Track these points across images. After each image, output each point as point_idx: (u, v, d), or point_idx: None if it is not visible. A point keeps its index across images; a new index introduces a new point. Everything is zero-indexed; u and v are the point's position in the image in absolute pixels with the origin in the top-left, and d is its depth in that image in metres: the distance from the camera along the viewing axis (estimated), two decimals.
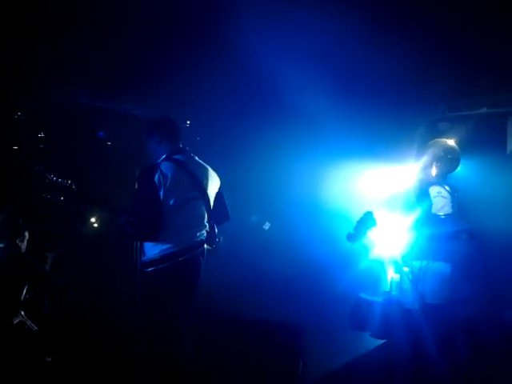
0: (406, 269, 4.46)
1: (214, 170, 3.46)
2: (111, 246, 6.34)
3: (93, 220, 7.29)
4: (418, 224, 4.42)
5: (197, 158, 3.39)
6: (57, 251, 5.56)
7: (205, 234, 3.29)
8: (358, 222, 3.90)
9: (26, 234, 4.27)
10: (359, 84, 6.16)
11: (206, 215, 3.28)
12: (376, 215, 3.95)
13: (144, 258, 3.14)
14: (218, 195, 3.44)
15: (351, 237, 3.92)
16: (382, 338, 4.75)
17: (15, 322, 3.80)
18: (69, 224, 7.68)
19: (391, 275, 4.77)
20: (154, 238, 3.03)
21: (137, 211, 3.09)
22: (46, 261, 4.95)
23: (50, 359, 4.09)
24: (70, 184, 3.12)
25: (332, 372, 4.32)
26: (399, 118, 6.34)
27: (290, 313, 4.79)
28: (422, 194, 4.61)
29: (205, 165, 3.39)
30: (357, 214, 4.00)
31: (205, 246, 3.29)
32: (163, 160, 3.20)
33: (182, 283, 3.15)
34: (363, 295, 5.04)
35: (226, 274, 5.58)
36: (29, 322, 3.85)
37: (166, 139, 3.28)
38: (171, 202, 3.05)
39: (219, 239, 3.43)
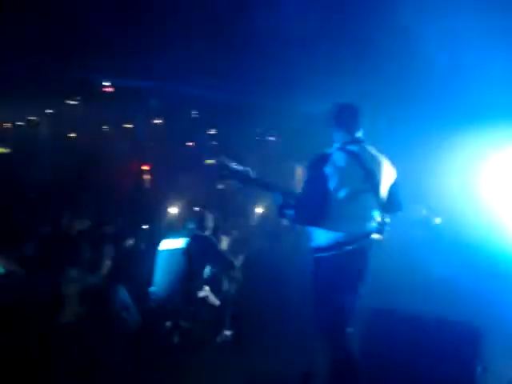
0: None
1: (391, 160, 3.38)
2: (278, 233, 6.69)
3: (260, 210, 7.77)
4: None
5: (373, 148, 3.34)
6: (231, 235, 6.06)
7: (374, 226, 3.23)
8: None
9: (210, 218, 4.74)
10: None
11: (377, 207, 3.24)
12: None
13: (312, 244, 3.21)
14: (392, 187, 3.35)
15: None
16: None
17: (200, 296, 4.23)
18: (239, 212, 8.28)
19: None
20: (316, 226, 3.13)
21: (302, 198, 3.18)
22: (222, 243, 5.41)
23: (229, 333, 4.49)
24: (248, 171, 3.33)
25: None
26: None
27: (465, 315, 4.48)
28: None
29: (380, 156, 3.31)
30: None
31: (373, 237, 3.24)
32: (337, 150, 3.21)
33: (348, 273, 3.11)
34: None
35: (392, 268, 5.45)
36: (212, 297, 4.25)
37: (341, 128, 3.24)
38: (341, 193, 3.05)
39: (386, 231, 3.33)
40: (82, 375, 3.70)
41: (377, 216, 3.20)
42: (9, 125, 14.95)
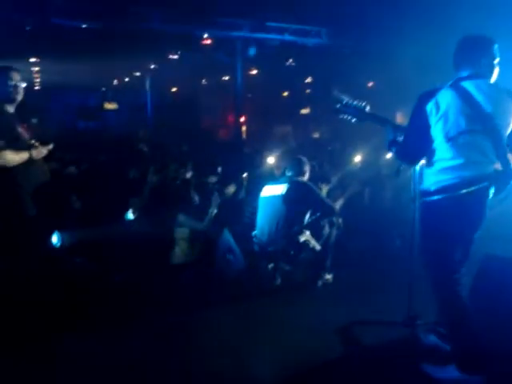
0: None
1: None
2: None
3: (360, 157, 7.64)
4: None
5: (496, 86, 3.00)
6: (330, 183, 6.08)
7: (491, 170, 3.02)
8: None
9: (307, 165, 4.80)
10: None
11: (494, 149, 3.01)
12: None
13: (421, 187, 3.12)
14: None
15: None
16: None
17: (302, 240, 4.34)
18: (337, 160, 8.22)
19: None
20: (409, 163, 3.15)
21: (405, 136, 3.10)
22: (322, 191, 5.45)
23: (330, 277, 4.59)
24: (364, 105, 3.29)
25: None
26: None
27: None
28: None
29: (504, 95, 3.07)
30: None
31: (490, 183, 3.04)
32: (447, 86, 3.03)
33: (458, 219, 2.95)
34: None
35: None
36: (313, 241, 4.34)
37: (463, 61, 3.00)
38: (444, 134, 2.89)
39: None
40: (191, 311, 3.98)
41: (496, 160, 2.96)
42: (116, 81, 15.87)
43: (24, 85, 3.55)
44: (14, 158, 3.35)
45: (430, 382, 2.95)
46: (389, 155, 7.04)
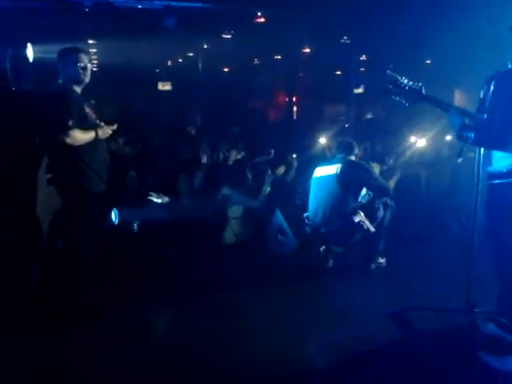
0: None
1: None
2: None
3: (415, 139, 7.40)
4: None
5: None
6: (384, 163, 5.95)
7: None
8: None
9: (357, 146, 4.72)
10: None
11: None
12: None
13: (490, 169, 2.99)
14: None
15: None
16: None
17: (356, 221, 4.27)
18: (391, 141, 8.00)
19: None
20: (504, 148, 2.83)
21: (486, 118, 2.90)
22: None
23: (383, 261, 4.51)
24: (420, 87, 3.17)
25: None
26: None
27: None
28: None
29: None
30: None
31: None
32: None
33: None
34: None
35: None
36: (367, 223, 4.27)
37: None
38: None
39: None
40: (240, 292, 4.02)
41: None
42: (170, 62, 16.03)
43: (91, 67, 3.61)
44: (82, 137, 3.46)
45: (487, 371, 2.86)
46: (449, 137, 6.79)
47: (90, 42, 10.71)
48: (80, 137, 3.45)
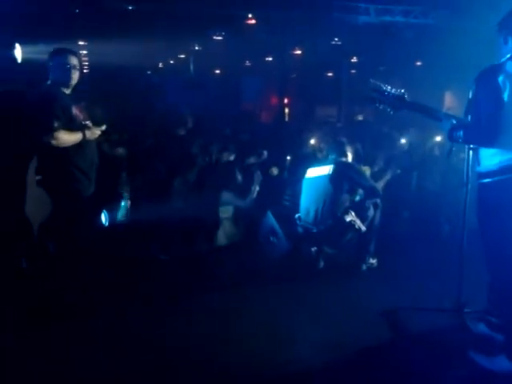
0: None
1: None
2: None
3: (405, 141, 7.46)
4: None
5: None
6: (374, 165, 5.97)
7: None
8: None
9: (349, 148, 4.75)
10: None
11: None
12: None
13: (479, 168, 3.00)
14: None
15: None
16: None
17: (347, 220, 4.29)
18: (381, 143, 8.03)
19: None
20: (492, 144, 2.82)
21: (474, 116, 2.92)
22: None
23: (374, 261, 4.52)
24: (403, 94, 3.20)
25: None
26: None
27: None
28: None
29: None
30: None
31: None
32: (508, 59, 2.89)
33: None
34: None
35: None
36: (358, 222, 4.29)
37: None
38: None
39: None
40: (233, 293, 4.03)
41: None
42: (161, 64, 16.01)
43: (78, 68, 3.59)
44: (68, 138, 3.44)
45: (477, 370, 2.87)
46: (439, 138, 6.84)
47: (81, 43, 10.69)
48: (66, 138, 3.43)
